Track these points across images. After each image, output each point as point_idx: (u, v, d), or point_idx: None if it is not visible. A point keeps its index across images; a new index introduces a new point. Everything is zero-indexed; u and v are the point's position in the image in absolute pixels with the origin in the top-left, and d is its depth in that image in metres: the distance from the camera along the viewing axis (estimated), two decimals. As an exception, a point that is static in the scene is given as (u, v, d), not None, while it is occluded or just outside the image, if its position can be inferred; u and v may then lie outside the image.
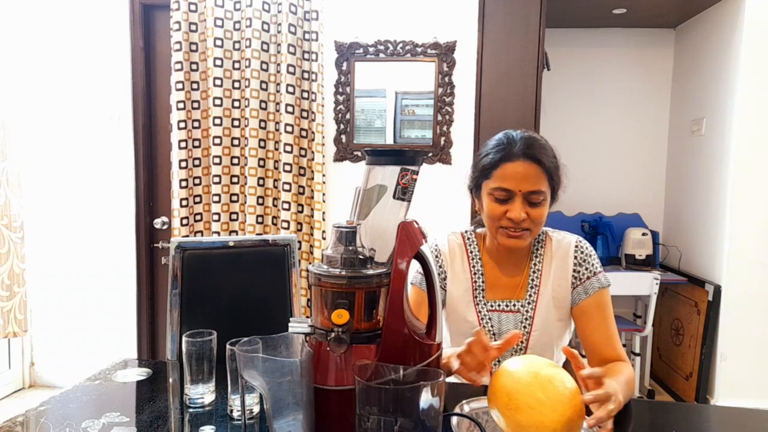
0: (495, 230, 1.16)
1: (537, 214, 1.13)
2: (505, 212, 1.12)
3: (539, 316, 1.19)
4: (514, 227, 1.12)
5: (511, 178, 1.12)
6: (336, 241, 0.81)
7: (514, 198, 1.12)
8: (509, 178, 1.12)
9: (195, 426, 0.91)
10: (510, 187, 1.12)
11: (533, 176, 1.12)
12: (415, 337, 0.80)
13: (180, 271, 1.43)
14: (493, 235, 1.19)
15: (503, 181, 1.12)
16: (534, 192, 1.12)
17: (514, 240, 1.14)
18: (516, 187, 1.11)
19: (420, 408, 0.69)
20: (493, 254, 1.25)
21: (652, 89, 3.33)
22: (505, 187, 1.12)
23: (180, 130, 2.54)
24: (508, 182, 1.12)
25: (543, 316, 1.19)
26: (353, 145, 2.64)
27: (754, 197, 2.63)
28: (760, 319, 2.66)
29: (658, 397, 3.06)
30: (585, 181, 3.33)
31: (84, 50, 2.73)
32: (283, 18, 2.48)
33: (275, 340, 0.82)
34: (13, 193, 2.43)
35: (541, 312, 1.19)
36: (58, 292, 2.85)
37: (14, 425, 0.91)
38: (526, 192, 1.12)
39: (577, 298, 1.19)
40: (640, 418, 1.02)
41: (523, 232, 1.13)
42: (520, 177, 1.11)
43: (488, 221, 1.18)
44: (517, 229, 1.13)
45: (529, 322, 1.19)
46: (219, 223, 2.58)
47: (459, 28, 2.55)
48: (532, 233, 1.15)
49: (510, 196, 1.12)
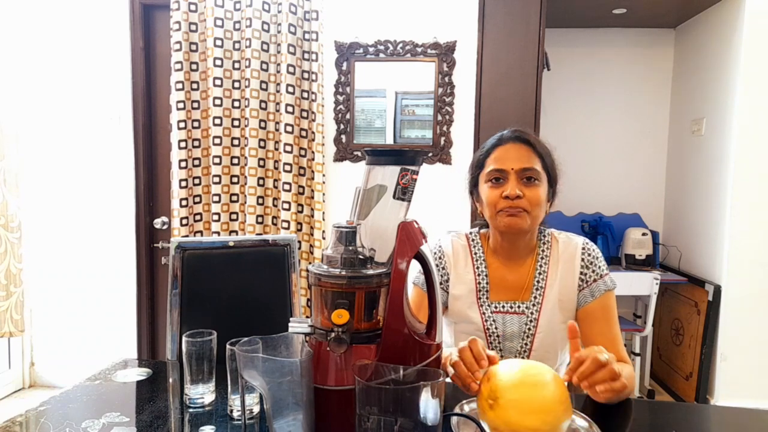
0: (494, 216, 1.17)
1: (532, 194, 1.14)
2: (501, 193, 1.15)
3: (544, 318, 1.18)
4: (511, 206, 1.14)
5: (503, 158, 1.17)
6: (336, 241, 0.81)
7: (508, 177, 1.15)
8: (501, 159, 1.17)
9: (195, 426, 0.91)
10: (502, 166, 1.16)
11: (524, 155, 1.16)
12: (415, 337, 0.80)
13: (180, 271, 1.43)
14: (495, 225, 1.19)
15: (496, 162, 1.17)
16: (526, 169, 1.15)
17: (513, 219, 1.14)
18: (508, 166, 1.15)
19: (420, 408, 0.69)
20: (498, 254, 1.24)
21: (652, 89, 3.33)
22: (497, 168, 1.16)
23: (180, 130, 2.54)
24: (500, 163, 1.17)
25: (548, 318, 1.18)
26: (353, 145, 2.64)
27: (754, 197, 2.63)
28: (760, 319, 2.66)
29: (658, 397, 3.06)
30: (585, 181, 3.33)
31: (84, 50, 2.73)
32: (283, 18, 2.48)
33: (275, 340, 0.82)
34: (11, 193, 2.43)
35: (546, 314, 1.18)
36: (58, 292, 2.85)
37: (14, 425, 0.91)
38: (519, 170, 1.15)
39: (583, 300, 1.18)
40: (640, 418, 1.02)
41: (522, 212, 1.14)
42: (512, 156, 1.16)
43: (488, 210, 1.19)
44: (515, 208, 1.13)
45: (534, 324, 1.18)
46: (219, 223, 2.58)
47: (459, 28, 2.55)
48: (531, 216, 1.15)
49: (504, 176, 1.16)
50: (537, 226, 1.20)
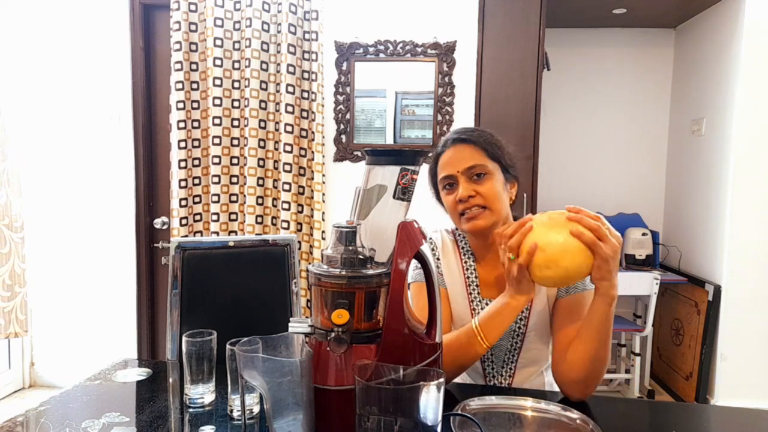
0: (458, 222, 1.19)
1: (485, 189, 1.14)
2: (455, 197, 1.16)
3: (534, 316, 1.18)
4: (467, 208, 1.14)
5: (448, 163, 1.18)
6: (336, 241, 0.81)
7: (458, 180, 1.16)
8: (447, 165, 1.18)
9: (195, 426, 0.91)
10: (449, 172, 1.17)
11: (467, 154, 1.16)
12: (415, 337, 0.80)
13: (180, 271, 1.43)
14: (461, 229, 1.20)
15: (444, 169, 1.19)
16: (471, 167, 1.15)
17: (472, 222, 1.14)
18: (454, 170, 1.16)
19: (420, 408, 0.69)
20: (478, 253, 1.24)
21: (652, 89, 3.33)
22: (445, 174, 1.18)
23: (179, 130, 2.54)
24: (447, 168, 1.17)
25: (538, 316, 1.18)
26: (353, 145, 2.64)
27: (754, 197, 2.63)
28: (760, 319, 2.66)
29: (658, 397, 3.06)
30: (585, 181, 3.33)
31: (84, 50, 2.73)
32: (283, 18, 2.48)
33: (275, 340, 0.82)
34: (14, 194, 2.43)
35: (536, 311, 1.17)
36: (58, 292, 2.85)
37: (14, 425, 0.91)
38: (464, 170, 1.15)
39: (559, 294, 1.17)
40: (640, 418, 1.02)
41: (479, 210, 1.14)
42: (454, 160, 1.17)
43: (450, 216, 1.21)
44: (471, 209, 1.14)
45: (524, 322, 1.18)
46: (218, 223, 2.58)
47: (459, 28, 2.55)
48: (491, 211, 1.14)
49: (454, 180, 1.17)
50: (503, 218, 1.17)
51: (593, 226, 0.93)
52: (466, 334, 1.05)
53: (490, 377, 1.21)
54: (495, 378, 1.20)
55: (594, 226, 0.93)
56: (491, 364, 1.20)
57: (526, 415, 0.95)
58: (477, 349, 1.03)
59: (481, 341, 1.03)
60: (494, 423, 0.91)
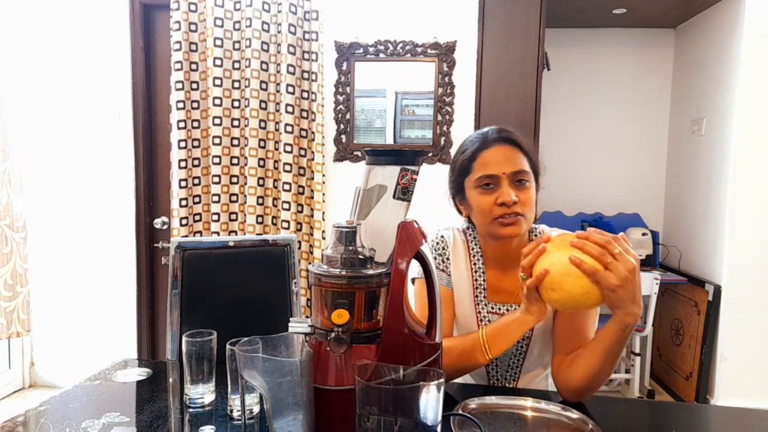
0: (489, 224, 1.12)
1: (526, 197, 1.09)
2: (496, 200, 1.09)
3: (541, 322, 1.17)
4: (507, 213, 1.08)
5: (493, 162, 1.10)
6: (336, 241, 0.81)
7: (500, 182, 1.09)
8: (491, 164, 1.10)
9: (195, 426, 0.91)
10: (494, 172, 1.09)
11: (514, 157, 1.10)
12: (415, 337, 0.80)
13: (180, 271, 1.43)
14: (488, 232, 1.14)
15: (485, 168, 1.10)
16: (518, 171, 1.09)
17: (510, 228, 1.09)
18: (500, 171, 1.09)
19: (420, 408, 0.69)
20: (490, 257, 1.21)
21: (652, 89, 3.33)
22: (489, 173, 1.10)
23: (179, 130, 2.54)
24: (490, 168, 1.10)
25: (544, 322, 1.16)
26: (353, 145, 2.64)
27: (754, 197, 2.63)
28: (760, 319, 2.66)
29: (658, 397, 3.06)
30: (585, 181, 3.33)
31: (84, 50, 2.73)
32: (283, 18, 2.48)
33: (275, 340, 0.82)
34: (15, 194, 2.43)
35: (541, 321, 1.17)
36: (59, 292, 2.84)
37: (14, 425, 0.91)
38: (511, 173, 1.09)
39: None
40: (640, 418, 1.02)
41: (517, 217, 1.09)
42: (501, 160, 1.10)
43: (480, 217, 1.13)
44: (511, 215, 1.08)
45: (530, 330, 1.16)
46: (218, 223, 2.58)
47: (459, 28, 2.55)
48: (526, 219, 1.10)
49: (496, 182, 1.09)
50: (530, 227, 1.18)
51: (594, 253, 0.89)
52: (471, 342, 1.04)
53: (494, 380, 1.20)
54: (499, 381, 1.20)
55: (596, 254, 0.89)
56: (495, 368, 1.20)
57: (526, 415, 0.95)
58: (479, 358, 1.03)
59: (484, 352, 1.02)
60: (494, 423, 0.91)
